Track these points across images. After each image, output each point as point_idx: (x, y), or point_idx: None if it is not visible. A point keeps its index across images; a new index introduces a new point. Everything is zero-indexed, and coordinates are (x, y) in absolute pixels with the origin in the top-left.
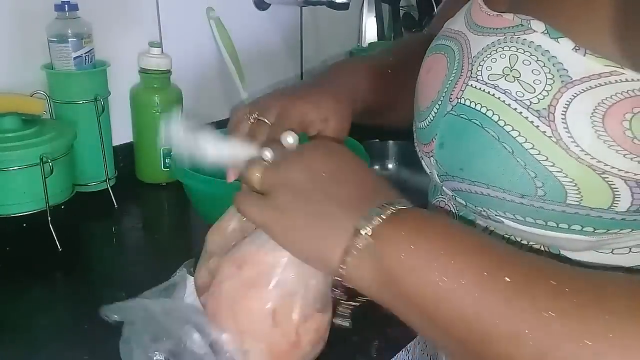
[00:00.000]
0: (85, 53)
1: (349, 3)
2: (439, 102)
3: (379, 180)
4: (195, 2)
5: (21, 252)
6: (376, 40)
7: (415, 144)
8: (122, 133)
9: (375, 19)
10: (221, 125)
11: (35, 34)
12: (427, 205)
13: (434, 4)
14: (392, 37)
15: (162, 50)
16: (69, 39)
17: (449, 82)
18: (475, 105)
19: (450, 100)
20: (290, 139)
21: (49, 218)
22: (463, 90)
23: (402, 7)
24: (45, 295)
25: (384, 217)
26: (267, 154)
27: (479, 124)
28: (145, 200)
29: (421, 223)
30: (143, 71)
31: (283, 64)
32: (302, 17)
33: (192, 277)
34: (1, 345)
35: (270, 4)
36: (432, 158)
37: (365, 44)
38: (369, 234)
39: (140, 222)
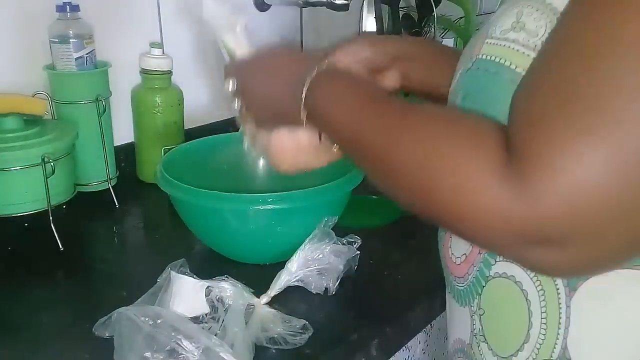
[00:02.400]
0: (87, 54)
1: (348, 4)
2: (463, 64)
3: (298, 62)
4: (196, 3)
5: (23, 251)
6: None
7: None
8: (123, 133)
9: (375, 19)
10: (220, 126)
11: (37, 35)
12: None
13: (433, 5)
14: None
15: (163, 50)
16: (71, 40)
17: (472, 48)
18: (492, 57)
19: (472, 58)
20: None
21: (51, 218)
22: (481, 48)
23: (401, 8)
24: (47, 295)
25: (305, 92)
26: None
27: (496, 71)
28: (146, 200)
29: (326, 81)
30: (144, 72)
31: None
32: (302, 18)
33: (179, 277)
34: (3, 344)
35: (270, 5)
36: None
37: None
38: (302, 106)
39: (141, 221)
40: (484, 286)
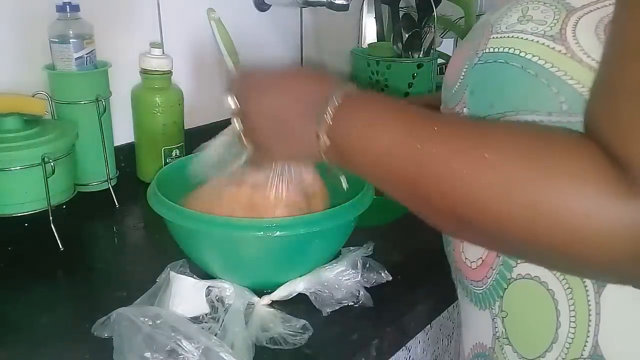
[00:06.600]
0: (87, 54)
1: (348, 4)
2: (467, 63)
3: (316, 81)
4: (196, 3)
5: (23, 251)
6: (376, 41)
7: None
8: (123, 133)
9: (374, 19)
10: (221, 126)
11: (37, 35)
12: None
13: (433, 5)
14: (392, 37)
15: (163, 50)
16: (71, 40)
17: (476, 46)
18: (499, 48)
19: (477, 54)
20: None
21: (51, 218)
22: (487, 44)
23: (401, 8)
24: (47, 295)
25: (331, 118)
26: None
27: (504, 61)
28: (146, 200)
29: (358, 107)
30: (144, 72)
31: None
32: (302, 18)
33: (179, 277)
34: (3, 344)
35: (270, 5)
36: (464, 110)
37: (364, 45)
38: (325, 135)
39: (141, 221)
40: (505, 289)
